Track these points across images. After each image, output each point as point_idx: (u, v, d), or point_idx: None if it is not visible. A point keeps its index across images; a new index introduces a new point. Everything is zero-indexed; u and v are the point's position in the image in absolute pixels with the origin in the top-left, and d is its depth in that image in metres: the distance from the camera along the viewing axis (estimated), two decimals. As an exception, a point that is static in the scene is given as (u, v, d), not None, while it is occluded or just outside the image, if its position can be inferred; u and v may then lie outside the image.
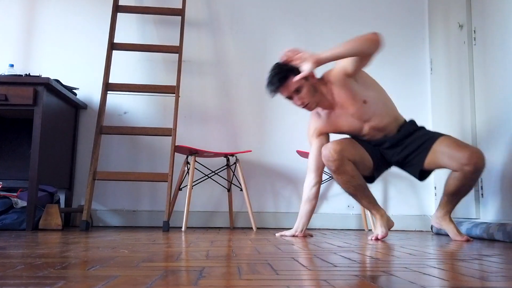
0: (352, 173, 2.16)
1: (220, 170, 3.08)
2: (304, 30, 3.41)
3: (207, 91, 3.32)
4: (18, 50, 3.29)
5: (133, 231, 2.53)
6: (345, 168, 2.14)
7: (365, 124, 2.23)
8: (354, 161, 2.18)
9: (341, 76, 2.17)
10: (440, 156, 2.10)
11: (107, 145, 3.19)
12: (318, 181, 2.32)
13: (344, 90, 2.18)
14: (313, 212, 2.36)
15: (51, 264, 1.09)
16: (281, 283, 0.88)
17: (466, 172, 2.02)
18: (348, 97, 2.19)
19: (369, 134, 2.26)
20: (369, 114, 2.21)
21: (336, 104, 2.23)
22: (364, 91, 2.20)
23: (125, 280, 0.88)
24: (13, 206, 2.62)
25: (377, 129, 2.24)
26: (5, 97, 2.55)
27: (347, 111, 2.22)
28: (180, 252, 1.45)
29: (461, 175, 2.04)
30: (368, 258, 1.38)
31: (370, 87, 2.23)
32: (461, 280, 0.95)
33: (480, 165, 2.02)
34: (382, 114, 2.22)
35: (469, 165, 2.00)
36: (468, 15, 2.76)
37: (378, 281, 0.92)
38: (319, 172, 2.33)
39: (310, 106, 2.19)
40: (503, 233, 2.16)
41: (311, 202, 2.33)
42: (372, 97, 2.21)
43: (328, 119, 2.28)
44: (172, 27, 3.32)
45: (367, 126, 2.23)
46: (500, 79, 2.45)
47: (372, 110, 2.20)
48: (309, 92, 2.15)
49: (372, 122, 2.22)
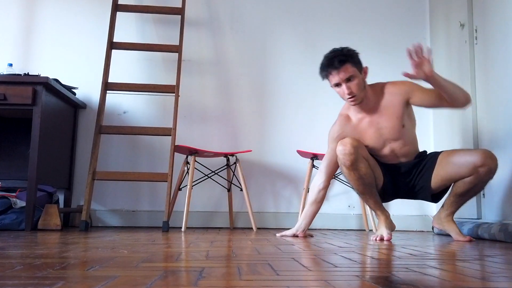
0: (365, 171, 2.14)
1: (220, 170, 3.07)
2: (304, 30, 3.40)
3: (207, 91, 3.31)
4: (17, 49, 3.28)
5: (132, 231, 2.53)
6: (359, 165, 2.12)
7: (389, 143, 2.23)
8: (368, 161, 2.18)
9: (403, 95, 2.18)
10: (448, 168, 2.11)
11: (106, 145, 3.18)
12: (327, 185, 2.31)
13: (392, 106, 2.18)
14: (316, 214, 2.35)
15: (50, 264, 1.09)
16: (281, 284, 0.87)
17: (480, 173, 2.02)
18: (393, 113, 2.19)
19: (386, 157, 2.26)
20: (398, 137, 2.21)
21: (376, 111, 2.21)
22: (407, 119, 2.22)
23: (124, 281, 0.87)
24: (12, 206, 2.61)
25: (397, 153, 2.25)
26: (4, 97, 2.54)
27: (382, 123, 2.20)
28: (180, 252, 1.44)
29: (474, 178, 2.04)
30: (369, 258, 1.37)
31: (412, 119, 2.26)
32: (462, 281, 0.94)
33: (493, 165, 2.02)
34: (407, 143, 2.24)
35: (483, 167, 2.00)
36: (469, 14, 2.75)
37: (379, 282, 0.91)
38: (330, 176, 2.31)
39: (357, 98, 2.15)
40: (505, 234, 2.15)
41: (317, 204, 2.32)
42: (409, 127, 2.24)
43: (358, 126, 2.25)
44: (171, 26, 3.32)
45: (389, 147, 2.23)
46: (502, 78, 2.45)
47: (403, 136, 2.21)
48: (360, 84, 2.14)
49: (396, 144, 2.22)
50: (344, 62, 2.10)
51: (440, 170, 2.14)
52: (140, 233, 2.40)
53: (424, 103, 2.18)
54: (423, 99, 2.16)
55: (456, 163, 2.08)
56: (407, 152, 2.25)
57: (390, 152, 2.25)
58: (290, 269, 1.08)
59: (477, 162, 2.00)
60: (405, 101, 2.18)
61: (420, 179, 2.23)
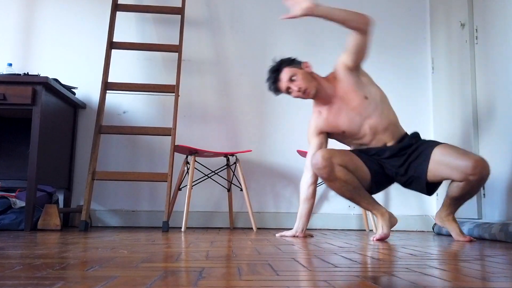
0: (344, 178, 2.12)
1: (220, 170, 3.07)
2: (304, 30, 3.40)
3: (207, 91, 3.31)
4: (17, 49, 3.28)
5: (132, 232, 2.52)
6: (336, 175, 2.11)
7: (365, 121, 2.22)
8: (346, 167, 2.15)
9: (342, 69, 2.22)
10: (441, 168, 2.06)
11: (106, 145, 3.18)
12: (315, 180, 2.31)
13: (346, 83, 2.22)
14: (311, 211, 2.35)
15: (50, 264, 1.09)
16: (282, 284, 0.87)
17: (471, 181, 1.98)
18: (350, 90, 2.22)
19: (368, 136, 2.24)
20: (369, 111, 2.21)
21: (337, 96, 2.25)
22: (365, 87, 2.23)
23: (124, 281, 0.87)
24: (11, 206, 2.61)
25: (376, 130, 2.22)
26: (3, 97, 2.54)
27: (348, 105, 2.23)
28: (180, 252, 1.44)
29: (465, 184, 2.01)
30: (369, 258, 1.37)
31: (371, 85, 2.26)
32: (462, 281, 0.94)
33: (485, 174, 1.98)
34: (382, 115, 2.22)
35: (474, 175, 1.96)
36: (469, 13, 2.75)
37: (379, 282, 0.91)
38: None
39: (309, 91, 2.21)
40: (505, 234, 2.15)
41: (309, 201, 2.32)
42: (373, 94, 2.24)
43: (329, 116, 2.28)
44: (171, 26, 3.31)
45: (367, 125, 2.22)
46: (502, 78, 2.44)
47: (372, 106, 2.21)
48: (305, 78, 2.21)
49: (372, 120, 2.21)
50: (280, 69, 2.24)
51: (433, 167, 2.09)
52: (140, 233, 2.40)
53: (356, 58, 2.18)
54: (351, 55, 2.17)
55: (448, 165, 2.03)
56: (386, 127, 2.21)
57: (370, 131, 2.22)
58: (290, 269, 1.08)
59: (468, 170, 1.96)
60: (346, 69, 2.22)
61: (415, 170, 2.15)
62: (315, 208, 3.18)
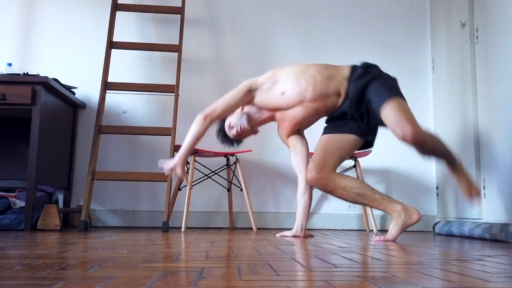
0: (342, 184, 2.10)
1: (220, 170, 3.07)
2: (304, 30, 3.40)
3: (207, 90, 3.31)
4: (16, 49, 3.28)
5: (132, 232, 2.52)
6: (332, 185, 2.11)
7: (305, 105, 2.22)
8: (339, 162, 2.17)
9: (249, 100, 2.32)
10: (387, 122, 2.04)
11: (106, 145, 3.17)
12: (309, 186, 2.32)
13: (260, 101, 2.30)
14: (309, 208, 2.33)
15: (50, 264, 1.08)
16: (282, 284, 0.87)
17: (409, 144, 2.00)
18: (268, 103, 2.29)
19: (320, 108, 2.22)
20: (297, 97, 2.21)
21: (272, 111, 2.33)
22: (274, 89, 2.26)
23: (124, 281, 0.87)
24: (11, 206, 2.61)
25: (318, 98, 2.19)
26: (3, 96, 2.54)
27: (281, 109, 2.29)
28: (180, 252, 1.44)
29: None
30: (369, 258, 1.37)
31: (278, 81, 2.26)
32: (463, 281, 0.94)
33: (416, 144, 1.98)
34: (308, 86, 2.19)
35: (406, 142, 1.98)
36: (470, 13, 2.75)
37: (379, 282, 0.91)
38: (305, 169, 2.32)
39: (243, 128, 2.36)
40: (506, 234, 2.15)
41: (302, 198, 2.32)
42: (284, 82, 2.24)
43: (282, 123, 2.35)
44: (171, 26, 3.31)
45: (309, 104, 2.21)
46: (503, 77, 2.44)
47: (295, 92, 2.21)
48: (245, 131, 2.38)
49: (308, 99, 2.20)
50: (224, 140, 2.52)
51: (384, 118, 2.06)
52: (139, 233, 2.40)
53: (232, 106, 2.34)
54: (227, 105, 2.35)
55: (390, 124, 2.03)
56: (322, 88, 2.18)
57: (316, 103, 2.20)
58: (290, 269, 1.08)
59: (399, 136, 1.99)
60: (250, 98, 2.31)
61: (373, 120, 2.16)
62: (315, 208, 3.19)
